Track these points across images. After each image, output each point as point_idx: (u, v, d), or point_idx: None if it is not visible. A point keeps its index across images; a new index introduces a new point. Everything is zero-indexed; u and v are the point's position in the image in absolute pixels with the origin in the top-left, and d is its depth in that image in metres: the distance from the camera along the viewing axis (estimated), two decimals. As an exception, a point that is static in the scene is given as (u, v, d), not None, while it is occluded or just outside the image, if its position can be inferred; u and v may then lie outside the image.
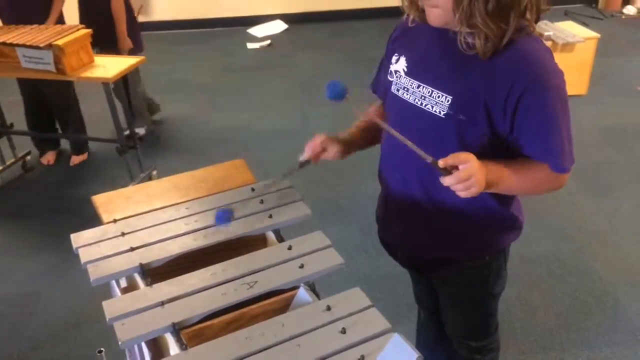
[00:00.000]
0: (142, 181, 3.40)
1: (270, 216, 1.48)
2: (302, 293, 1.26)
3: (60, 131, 3.83)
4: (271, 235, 1.49)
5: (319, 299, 1.25)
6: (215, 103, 4.56)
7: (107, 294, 2.62)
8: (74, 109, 3.72)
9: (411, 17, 1.33)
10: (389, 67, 1.40)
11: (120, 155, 3.30)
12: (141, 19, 6.10)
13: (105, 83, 3.09)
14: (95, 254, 1.37)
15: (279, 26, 6.08)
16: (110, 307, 1.21)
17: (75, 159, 3.78)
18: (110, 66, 3.14)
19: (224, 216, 1.31)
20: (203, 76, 5.08)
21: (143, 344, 1.23)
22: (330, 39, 5.78)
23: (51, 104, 3.68)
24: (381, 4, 6.05)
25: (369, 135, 1.56)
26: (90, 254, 1.37)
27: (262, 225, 1.46)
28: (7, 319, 2.56)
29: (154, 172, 3.54)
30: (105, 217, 1.51)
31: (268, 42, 5.73)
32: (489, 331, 1.67)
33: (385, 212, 1.54)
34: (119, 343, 1.14)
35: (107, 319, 1.19)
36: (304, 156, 1.43)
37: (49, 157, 3.84)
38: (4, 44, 3.09)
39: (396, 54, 1.38)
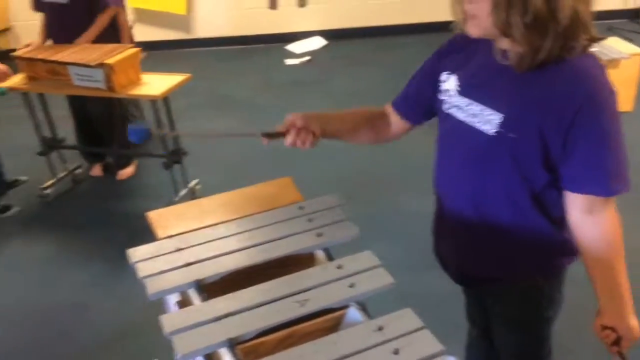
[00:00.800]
0: (186, 195, 3.49)
1: (319, 235, 1.50)
2: (353, 312, 1.28)
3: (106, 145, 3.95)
4: (320, 254, 1.52)
5: (370, 318, 1.26)
6: (255, 119, 4.63)
7: (154, 307, 2.69)
8: (119, 125, 3.84)
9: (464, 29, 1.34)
10: (440, 86, 1.42)
11: (166, 169, 3.39)
12: (184, 36, 6.29)
13: (152, 100, 3.19)
14: (152, 269, 1.42)
15: (318, 42, 6.15)
16: (169, 321, 1.25)
17: (123, 173, 3.89)
18: (156, 83, 3.25)
19: (137, 133, 1.29)
20: (244, 92, 5.18)
21: (199, 359, 1.26)
22: (370, 55, 5.81)
23: (96, 121, 3.80)
24: (425, 19, 6.01)
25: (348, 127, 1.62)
26: (147, 268, 1.42)
27: (311, 243, 1.49)
28: (57, 327, 2.65)
29: (198, 187, 3.62)
30: (160, 232, 1.57)
31: (307, 58, 5.81)
32: (540, 355, 1.64)
33: (439, 227, 1.56)
34: (178, 356, 1.18)
35: (166, 333, 1.23)
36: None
37: (97, 170, 3.97)
38: (57, 62, 3.23)
39: (447, 72, 1.40)
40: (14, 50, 3.49)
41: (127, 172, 3.92)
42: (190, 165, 3.57)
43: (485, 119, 1.30)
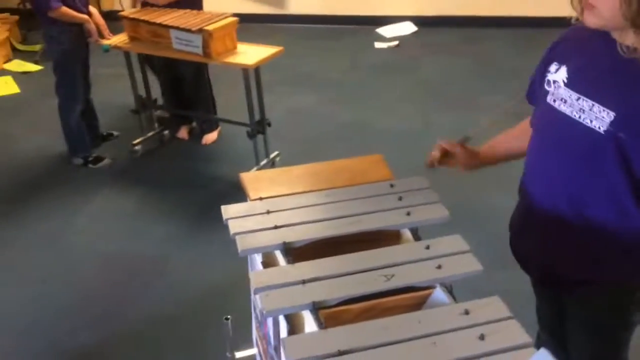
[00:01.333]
0: (266, 165, 3.56)
1: (408, 214, 1.50)
2: (439, 293, 1.27)
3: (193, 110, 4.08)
4: (407, 233, 1.52)
5: (456, 302, 1.25)
6: (339, 99, 4.64)
7: (228, 265, 2.79)
8: (207, 90, 3.95)
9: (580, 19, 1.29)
10: (546, 76, 1.37)
11: (250, 139, 3.46)
12: (276, 11, 6.36)
13: (244, 69, 3.26)
14: (243, 227, 1.46)
15: (408, 28, 6.06)
16: (257, 278, 1.29)
17: (207, 138, 4.01)
18: (250, 54, 3.30)
19: None
20: (330, 71, 5.19)
21: (281, 317, 1.30)
22: (459, 45, 5.68)
23: (187, 85, 3.92)
24: (515, 12, 5.83)
25: (515, 145, 1.53)
26: (238, 226, 1.47)
27: (399, 221, 1.49)
28: (139, 277, 2.79)
29: (277, 158, 3.68)
30: (251, 194, 1.61)
31: (396, 42, 5.74)
32: None
33: (524, 223, 1.51)
34: (263, 312, 1.22)
35: (253, 289, 1.27)
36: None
37: (183, 133, 4.11)
38: (160, 25, 3.34)
39: (556, 63, 1.35)
40: (119, 11, 3.65)
41: (211, 137, 4.04)
42: (271, 137, 3.63)
43: (595, 116, 1.24)
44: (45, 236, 3.12)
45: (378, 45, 5.73)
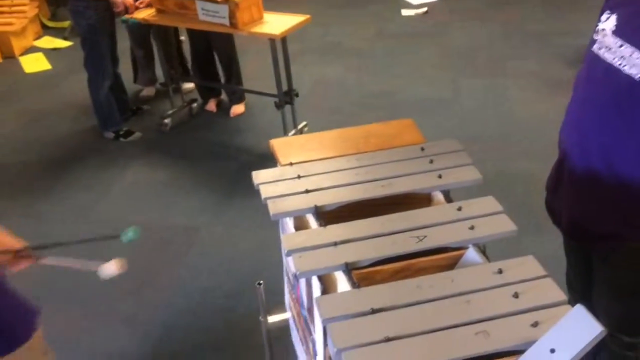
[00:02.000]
0: (294, 135, 3.56)
1: (440, 176, 1.49)
2: (472, 253, 1.27)
3: (222, 82, 4.10)
4: (438, 196, 1.51)
5: (489, 262, 1.25)
6: (366, 68, 4.60)
7: (262, 233, 2.82)
8: (238, 62, 3.96)
9: None
10: (597, 25, 1.34)
11: (277, 109, 3.46)
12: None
13: (271, 39, 3.24)
14: (274, 192, 1.47)
15: (436, -6, 5.94)
16: (289, 240, 1.30)
17: (235, 110, 4.03)
18: (276, 23, 3.27)
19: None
20: (356, 40, 5.13)
21: (314, 278, 1.31)
22: (488, 10, 5.55)
23: (218, 56, 3.93)
24: (548, -25, 5.66)
25: None
26: (269, 191, 1.48)
27: (431, 184, 1.48)
28: (171, 247, 2.85)
29: (305, 129, 3.68)
30: (282, 159, 1.62)
31: (424, 9, 5.63)
32: None
33: (558, 177, 1.50)
34: (297, 273, 1.23)
35: (286, 251, 1.28)
36: None
37: (212, 105, 4.13)
38: None
39: (608, 12, 1.32)
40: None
41: (239, 109, 4.05)
42: (298, 107, 3.62)
43: (633, 62, 1.22)
44: (79, 209, 3.19)
45: (405, 12, 5.63)
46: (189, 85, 4.32)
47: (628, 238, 1.39)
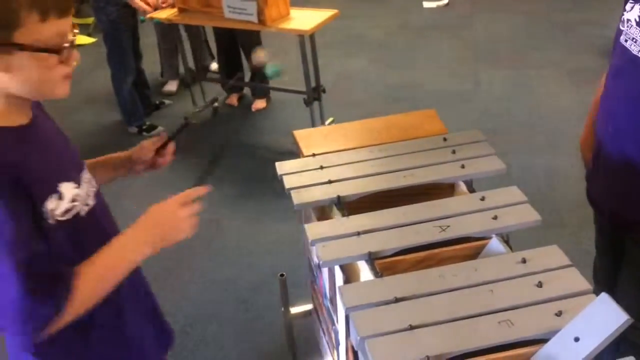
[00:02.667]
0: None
1: (463, 166, 1.48)
2: (495, 243, 1.26)
3: (247, 77, 4.11)
4: (461, 186, 1.50)
5: (512, 251, 1.24)
6: (389, 60, 4.58)
7: (283, 227, 2.83)
8: None
9: None
10: (623, 15, 1.32)
11: (306, 106, 3.43)
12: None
13: (300, 35, 3.16)
14: (297, 182, 1.48)
15: (458, -14, 5.88)
16: (312, 230, 1.31)
17: (257, 104, 4.05)
18: (304, 19, 3.21)
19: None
20: (379, 33, 5.12)
21: (336, 268, 1.32)
22: (513, 1, 5.48)
23: (244, 52, 3.94)
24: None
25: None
26: (292, 181, 1.49)
27: (454, 174, 1.47)
28: (193, 240, 2.81)
29: (332, 125, 3.68)
30: (305, 150, 1.62)
31: (446, 1, 5.59)
32: None
33: (595, 164, 1.49)
34: (320, 262, 1.24)
35: (310, 240, 1.29)
36: None
37: (233, 99, 4.16)
38: None
39: (631, 1, 1.30)
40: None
41: (261, 104, 4.07)
42: (323, 101, 3.62)
43: None
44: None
45: (427, 4, 5.60)
46: (215, 66, 4.36)
47: None
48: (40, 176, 1.00)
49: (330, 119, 3.66)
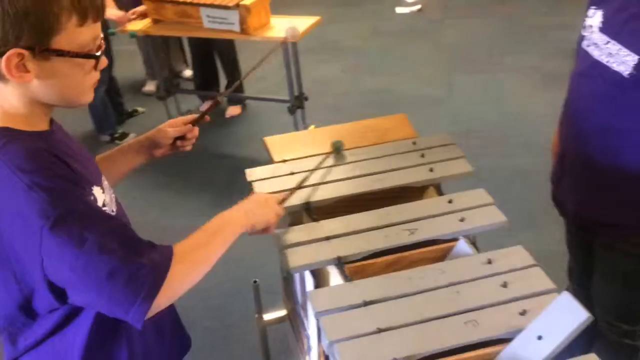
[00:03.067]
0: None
1: (431, 170, 1.50)
2: (462, 245, 1.28)
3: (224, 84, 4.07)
4: (430, 189, 1.52)
5: (479, 253, 1.26)
6: (363, 66, 4.61)
7: (256, 239, 2.82)
8: (237, 64, 3.95)
9: None
10: (585, 21, 1.36)
11: (290, 114, 3.40)
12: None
13: (284, 43, 2.99)
14: (267, 189, 1.48)
15: (430, -9, 5.95)
16: (282, 236, 1.32)
17: (231, 111, 4.04)
18: (285, 26, 3.08)
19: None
20: (352, 39, 5.14)
21: (307, 273, 1.33)
22: (484, 5, 5.54)
23: (221, 60, 3.92)
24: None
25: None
26: (262, 188, 1.49)
27: (422, 178, 1.49)
28: (170, 247, 2.85)
29: (303, 131, 3.69)
30: (275, 157, 1.63)
31: (418, 7, 5.64)
32: None
33: (560, 168, 1.53)
34: (290, 267, 1.24)
35: (280, 245, 1.30)
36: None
37: (207, 106, 4.14)
38: (189, 3, 3.12)
39: (593, 7, 1.33)
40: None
41: (235, 110, 4.05)
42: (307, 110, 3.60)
43: (621, 60, 1.23)
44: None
45: (399, 10, 5.64)
46: (188, 73, 4.34)
47: (630, 226, 1.41)
48: (76, 179, 0.97)
49: (312, 127, 3.65)
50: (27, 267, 0.92)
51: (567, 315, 0.97)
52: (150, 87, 4.40)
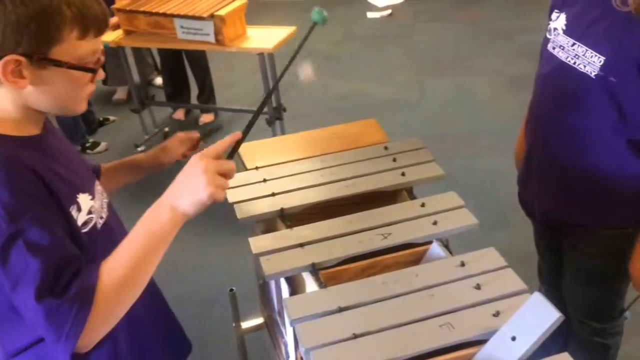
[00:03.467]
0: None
1: (403, 174, 1.51)
2: (435, 248, 1.29)
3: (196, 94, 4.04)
4: (403, 193, 1.53)
5: (452, 255, 1.27)
6: (334, 70, 4.63)
7: (233, 241, 2.80)
8: (209, 75, 3.93)
9: None
10: (549, 24, 1.38)
11: (269, 125, 3.33)
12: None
13: (261, 54, 3.05)
14: (241, 196, 1.48)
15: (400, -4, 6.01)
16: (256, 243, 1.31)
17: (204, 118, 4.02)
18: (262, 37, 3.08)
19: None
20: (323, 43, 5.15)
21: (282, 280, 1.32)
22: (453, 10, 5.63)
23: (192, 70, 3.89)
24: (510, -26, 5.77)
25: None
26: (236, 195, 1.48)
27: (394, 182, 1.50)
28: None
29: (275, 137, 3.67)
30: (248, 164, 1.62)
31: (389, 12, 5.69)
32: (614, 313, 1.62)
33: (527, 169, 1.55)
34: (265, 275, 1.24)
35: (253, 253, 1.29)
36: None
37: (180, 114, 4.11)
38: (162, 14, 3.04)
39: (556, 11, 1.36)
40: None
41: (208, 117, 4.04)
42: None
43: (587, 61, 1.26)
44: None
45: (370, 15, 5.69)
46: (159, 80, 4.31)
47: (597, 226, 1.44)
48: (59, 186, 0.96)
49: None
50: None
51: (539, 315, 0.98)
52: (120, 95, 4.35)
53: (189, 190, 0.95)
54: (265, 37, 3.12)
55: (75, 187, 1.02)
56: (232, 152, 1.12)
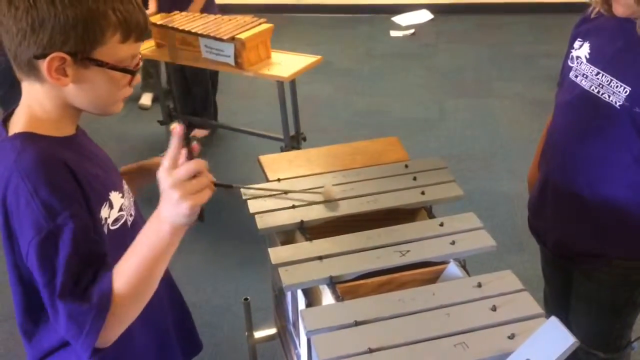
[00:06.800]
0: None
1: (423, 193, 1.53)
2: (452, 268, 1.30)
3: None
4: (422, 212, 1.55)
5: (469, 276, 1.28)
6: (355, 87, 4.66)
7: (246, 250, 2.83)
8: (211, 96, 3.93)
9: (596, 9, 1.32)
10: (571, 52, 1.40)
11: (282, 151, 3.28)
12: (290, 1, 6.37)
13: (279, 81, 2.98)
14: (262, 207, 1.50)
15: (424, 16, 6.05)
16: (276, 254, 1.33)
17: (198, 132, 3.96)
18: (286, 63, 3.01)
19: None
20: (346, 60, 5.21)
21: (299, 291, 1.34)
22: (476, 32, 5.66)
23: (194, 90, 3.87)
24: (532, -1, 5.81)
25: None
26: (257, 206, 1.51)
27: (414, 200, 1.52)
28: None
29: (298, 150, 3.69)
30: (270, 175, 1.65)
31: (412, 31, 5.74)
32: (621, 343, 1.60)
33: (541, 196, 1.55)
34: (283, 286, 1.26)
35: (273, 263, 1.31)
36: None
37: (202, 131, 4.07)
38: (190, 32, 3.05)
39: (580, 40, 1.38)
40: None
41: (202, 132, 3.98)
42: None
43: (612, 91, 1.27)
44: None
45: (394, 33, 5.73)
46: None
47: (612, 256, 1.44)
48: (93, 184, 1.02)
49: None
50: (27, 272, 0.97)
51: (554, 340, 0.99)
52: (145, 100, 4.40)
53: (171, 205, 0.93)
54: (289, 63, 3.02)
55: (107, 186, 1.08)
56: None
